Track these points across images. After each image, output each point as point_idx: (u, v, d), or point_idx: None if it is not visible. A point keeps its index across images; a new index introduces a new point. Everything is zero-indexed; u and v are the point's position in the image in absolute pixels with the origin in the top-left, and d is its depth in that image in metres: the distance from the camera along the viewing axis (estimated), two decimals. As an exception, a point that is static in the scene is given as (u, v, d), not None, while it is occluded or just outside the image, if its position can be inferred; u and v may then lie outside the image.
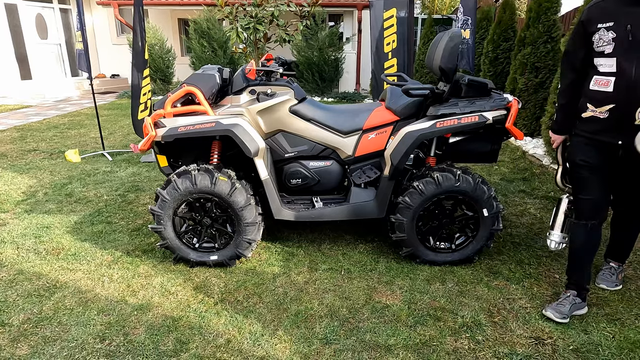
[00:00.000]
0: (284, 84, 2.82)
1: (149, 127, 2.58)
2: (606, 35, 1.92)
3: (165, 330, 2.14)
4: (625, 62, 1.89)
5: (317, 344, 2.06)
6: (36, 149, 5.72)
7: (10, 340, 2.06)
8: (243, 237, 2.65)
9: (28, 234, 3.17)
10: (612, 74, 1.94)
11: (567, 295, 2.26)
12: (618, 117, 1.95)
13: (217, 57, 10.30)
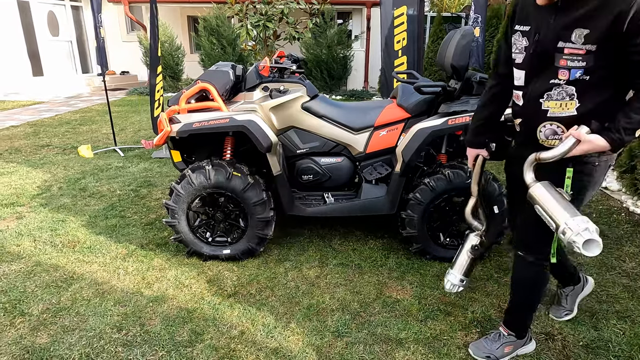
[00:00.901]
0: (297, 81, 2.85)
1: (164, 123, 2.62)
2: (520, 42, 1.63)
3: (180, 322, 2.19)
4: (529, 77, 1.63)
5: (329, 336, 2.09)
6: (49, 144, 5.81)
7: (31, 330, 2.12)
8: (255, 231, 2.69)
9: (44, 227, 3.24)
10: (520, 88, 1.68)
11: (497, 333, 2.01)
12: (526, 131, 1.70)
13: (226, 54, 10.36)
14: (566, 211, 1.47)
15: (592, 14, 1.41)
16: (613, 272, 2.64)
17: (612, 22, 1.37)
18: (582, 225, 1.41)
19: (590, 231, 1.40)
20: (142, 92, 11.19)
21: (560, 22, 1.48)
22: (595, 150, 1.48)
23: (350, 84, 11.95)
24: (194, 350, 1.99)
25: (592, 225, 1.42)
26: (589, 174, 1.59)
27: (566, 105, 1.52)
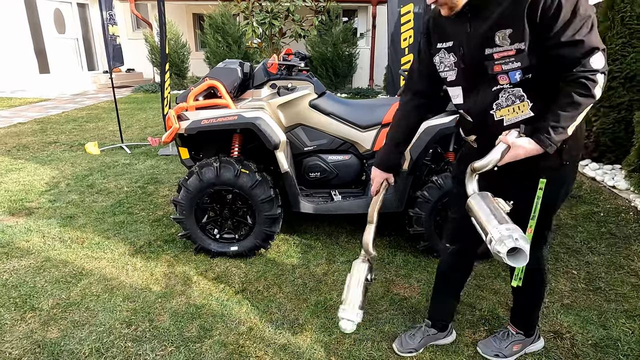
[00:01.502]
0: (304, 79, 2.85)
1: (173, 120, 2.63)
2: (447, 59, 1.54)
3: (189, 317, 2.20)
4: (468, 92, 1.54)
5: (337, 333, 2.10)
6: (56, 141, 5.85)
7: (41, 324, 2.14)
8: (263, 228, 2.70)
9: (53, 223, 3.26)
10: (461, 106, 1.58)
11: (420, 326, 2.02)
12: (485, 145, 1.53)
13: (231, 52, 10.37)
14: (494, 220, 1.36)
15: (508, 12, 1.33)
16: (621, 271, 2.63)
17: (528, 15, 1.30)
18: (506, 233, 1.29)
19: (514, 239, 1.27)
20: (148, 89, 11.23)
21: (479, 30, 1.41)
22: (527, 155, 1.38)
23: (355, 82, 11.94)
24: (203, 345, 2.01)
25: (518, 234, 1.29)
26: (563, 175, 1.52)
27: (519, 109, 1.43)
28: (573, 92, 1.30)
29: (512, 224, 1.33)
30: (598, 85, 1.29)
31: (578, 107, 1.31)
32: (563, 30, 1.28)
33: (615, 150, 4.29)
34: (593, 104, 1.37)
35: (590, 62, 1.27)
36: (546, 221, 1.61)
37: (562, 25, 1.27)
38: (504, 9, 1.34)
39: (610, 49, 4.09)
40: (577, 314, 2.22)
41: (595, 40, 1.28)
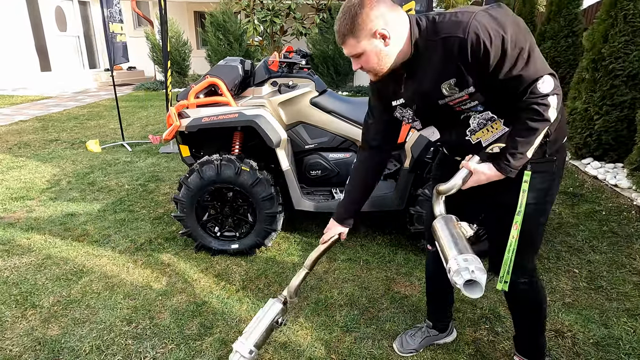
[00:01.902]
0: (305, 76, 2.85)
1: (174, 118, 2.63)
2: (406, 112, 1.53)
3: (190, 315, 2.20)
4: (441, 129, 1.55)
5: (338, 331, 2.10)
6: (58, 139, 5.85)
7: (42, 321, 2.14)
8: (264, 226, 2.69)
9: (54, 221, 3.26)
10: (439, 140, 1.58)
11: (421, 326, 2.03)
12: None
13: (232, 50, 10.36)
14: (454, 249, 1.35)
15: (443, 67, 1.32)
16: (623, 269, 2.62)
17: (463, 64, 1.28)
18: (463, 265, 1.28)
19: (470, 271, 1.26)
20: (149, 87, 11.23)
21: (423, 86, 1.40)
22: (489, 180, 1.40)
23: (357, 80, 11.91)
24: (203, 343, 2.00)
25: (475, 265, 1.28)
26: (549, 168, 1.48)
27: (493, 127, 1.43)
28: (527, 118, 1.30)
29: (471, 255, 1.32)
30: (551, 107, 1.28)
31: (534, 131, 1.31)
32: (499, 69, 1.26)
33: (618, 149, 4.27)
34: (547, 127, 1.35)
35: (537, 89, 1.27)
36: (535, 224, 1.53)
37: (495, 65, 1.26)
38: (438, 64, 1.33)
39: (612, 47, 4.07)
40: (578, 313, 2.22)
41: (535, 70, 1.26)
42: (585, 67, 4.36)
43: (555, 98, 1.28)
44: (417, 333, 1.99)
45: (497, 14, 1.27)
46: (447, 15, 1.31)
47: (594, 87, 4.26)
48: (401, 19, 1.32)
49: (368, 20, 1.28)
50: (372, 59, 1.35)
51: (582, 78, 4.41)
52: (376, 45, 1.32)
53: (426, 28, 1.33)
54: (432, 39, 1.31)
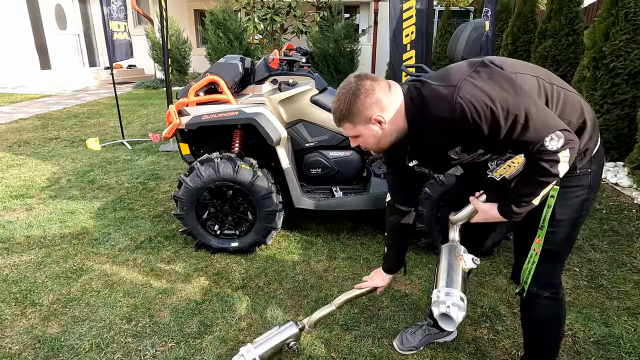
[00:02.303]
0: (306, 74, 2.84)
1: (173, 115, 2.62)
2: (425, 169, 1.56)
3: (189, 313, 2.20)
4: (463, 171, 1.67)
5: (338, 329, 2.09)
6: (58, 137, 5.84)
7: (41, 320, 2.14)
8: (264, 224, 2.69)
9: (54, 219, 3.26)
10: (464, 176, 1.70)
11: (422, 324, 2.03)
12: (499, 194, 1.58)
13: (233, 48, 10.34)
14: (444, 279, 1.44)
15: (444, 140, 1.33)
16: (624, 268, 2.61)
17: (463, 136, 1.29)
18: (442, 298, 1.39)
19: (446, 306, 1.36)
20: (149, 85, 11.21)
21: (430, 155, 1.45)
22: (492, 220, 1.43)
23: (357, 78, 11.88)
24: (203, 341, 2.00)
25: (453, 301, 1.37)
26: (584, 185, 1.41)
27: (513, 163, 1.42)
28: (535, 172, 1.27)
29: (455, 290, 1.39)
30: (560, 163, 1.22)
31: (541, 184, 1.28)
32: (497, 136, 1.25)
33: (619, 147, 4.27)
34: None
35: (545, 147, 1.21)
36: (565, 239, 1.46)
37: (493, 134, 1.24)
38: (438, 138, 1.34)
39: (613, 45, 4.06)
40: (579, 311, 2.21)
41: (538, 132, 1.20)
42: (586, 66, 4.36)
43: (567, 152, 1.21)
44: (418, 331, 1.99)
45: (481, 82, 1.23)
46: (431, 88, 1.28)
47: (595, 86, 4.25)
48: (396, 100, 1.33)
49: (363, 108, 1.30)
50: (370, 141, 1.38)
51: (583, 76, 4.40)
52: (372, 129, 1.34)
53: (416, 104, 1.32)
54: (424, 117, 1.30)
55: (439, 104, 1.25)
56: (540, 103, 1.25)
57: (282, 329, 1.82)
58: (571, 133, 1.22)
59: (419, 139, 1.39)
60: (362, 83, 1.31)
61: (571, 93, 1.37)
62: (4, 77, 10.46)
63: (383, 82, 1.33)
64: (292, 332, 1.81)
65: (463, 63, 1.35)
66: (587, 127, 1.35)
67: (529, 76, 1.34)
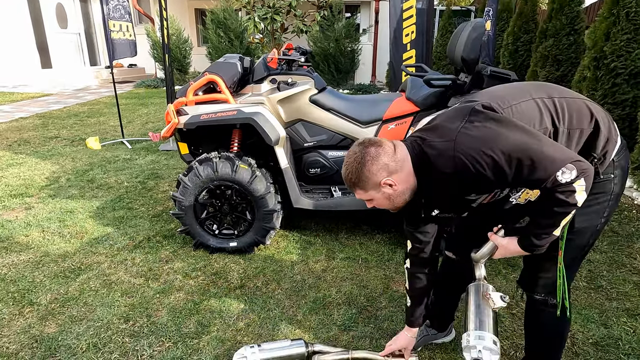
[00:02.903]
0: (305, 74, 2.83)
1: (172, 115, 2.62)
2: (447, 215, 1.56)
3: (187, 313, 2.19)
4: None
5: (336, 330, 2.09)
6: (57, 136, 5.84)
7: (39, 319, 2.13)
8: (262, 224, 2.68)
9: (52, 218, 3.26)
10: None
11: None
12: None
13: (233, 47, 10.34)
14: (474, 321, 1.42)
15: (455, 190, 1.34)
16: (623, 269, 2.60)
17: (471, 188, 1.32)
18: (473, 342, 1.38)
19: (477, 350, 1.36)
20: (150, 84, 11.21)
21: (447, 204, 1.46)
22: (514, 255, 1.41)
23: (357, 77, 11.88)
24: (200, 341, 2.00)
25: (484, 345, 1.36)
26: (607, 192, 1.39)
27: (528, 193, 1.40)
28: (552, 204, 1.24)
29: (486, 332, 1.38)
30: (576, 192, 1.19)
31: (559, 215, 1.25)
32: (506, 181, 1.24)
33: (619, 148, 4.25)
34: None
35: (558, 180, 1.18)
36: (582, 246, 1.46)
37: (502, 179, 1.24)
38: (450, 190, 1.34)
39: (614, 45, 4.04)
40: (578, 313, 2.20)
41: (547, 169, 1.18)
42: (586, 66, 4.34)
43: (583, 181, 1.18)
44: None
45: (476, 132, 1.22)
46: (431, 145, 1.28)
47: (596, 86, 4.23)
48: (403, 160, 1.33)
49: (371, 174, 1.32)
50: (384, 202, 1.40)
51: (584, 76, 4.39)
52: (384, 192, 1.35)
53: (421, 161, 1.32)
54: (431, 174, 1.31)
55: (440, 160, 1.26)
56: (544, 137, 1.22)
57: (292, 345, 1.84)
58: (583, 162, 1.19)
59: (432, 192, 1.40)
60: (367, 151, 1.32)
61: (573, 99, 1.34)
62: (4, 76, 10.47)
63: (387, 145, 1.33)
64: (300, 351, 1.83)
65: (451, 113, 1.34)
66: (601, 129, 1.32)
67: (526, 102, 1.32)
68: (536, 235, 1.31)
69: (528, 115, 1.30)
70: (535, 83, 1.40)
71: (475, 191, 1.36)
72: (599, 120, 1.32)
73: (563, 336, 1.61)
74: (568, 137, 1.32)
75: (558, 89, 1.37)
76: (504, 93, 1.36)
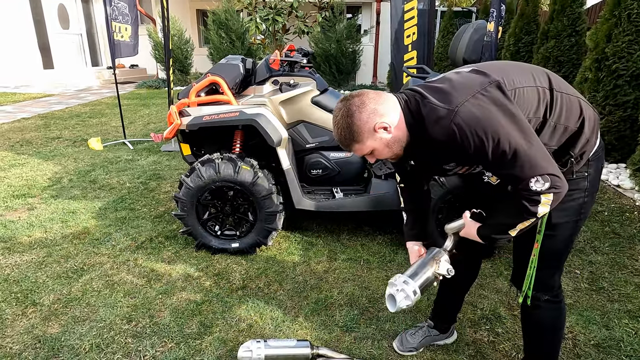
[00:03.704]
0: (307, 75, 2.84)
1: (174, 116, 2.63)
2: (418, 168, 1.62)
3: (189, 314, 2.20)
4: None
5: (337, 331, 2.09)
6: (60, 136, 5.85)
7: (42, 319, 2.14)
8: (264, 225, 2.69)
9: (55, 219, 3.27)
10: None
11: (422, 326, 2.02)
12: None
13: (235, 48, 10.36)
14: (411, 271, 1.54)
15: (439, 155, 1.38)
16: (625, 270, 2.60)
17: (454, 157, 1.36)
18: (397, 282, 1.51)
19: (395, 289, 1.50)
20: (152, 85, 11.23)
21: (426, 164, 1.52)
22: (471, 237, 1.48)
23: (359, 78, 11.89)
24: (203, 342, 2.00)
25: (404, 288, 1.48)
26: (581, 189, 1.42)
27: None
28: (515, 207, 1.29)
29: (412, 282, 1.50)
30: (541, 204, 1.23)
31: (520, 218, 1.29)
32: (484, 164, 1.31)
33: (621, 149, 4.25)
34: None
35: (529, 186, 1.22)
36: (564, 242, 1.48)
37: (480, 161, 1.30)
38: (434, 152, 1.36)
39: (616, 46, 4.05)
40: (579, 314, 2.21)
41: (522, 173, 1.21)
42: (588, 67, 4.34)
43: (551, 196, 1.22)
44: (418, 332, 1.98)
45: (480, 110, 1.22)
46: (431, 107, 1.27)
47: (597, 87, 4.24)
48: (391, 105, 1.34)
49: (362, 123, 1.30)
50: (384, 151, 1.38)
51: (585, 78, 4.39)
52: (382, 137, 1.33)
53: (415, 120, 1.33)
54: (422, 135, 1.32)
55: (435, 127, 1.26)
56: (536, 141, 1.23)
57: (297, 345, 1.86)
58: (560, 179, 1.21)
59: (417, 149, 1.40)
60: (351, 102, 1.31)
61: (569, 95, 1.35)
62: (7, 77, 10.49)
63: (371, 93, 1.33)
64: (305, 352, 1.84)
65: (462, 80, 1.31)
66: (585, 130, 1.34)
67: (530, 88, 1.32)
68: (493, 228, 1.39)
69: (528, 102, 1.32)
70: (540, 68, 1.40)
71: (456, 161, 1.39)
72: (585, 122, 1.34)
73: (559, 331, 1.62)
74: (553, 130, 1.34)
75: (559, 82, 1.38)
76: (511, 72, 1.35)
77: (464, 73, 1.35)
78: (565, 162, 1.36)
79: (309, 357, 1.85)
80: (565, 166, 1.36)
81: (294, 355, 1.84)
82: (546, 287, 1.53)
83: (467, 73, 1.34)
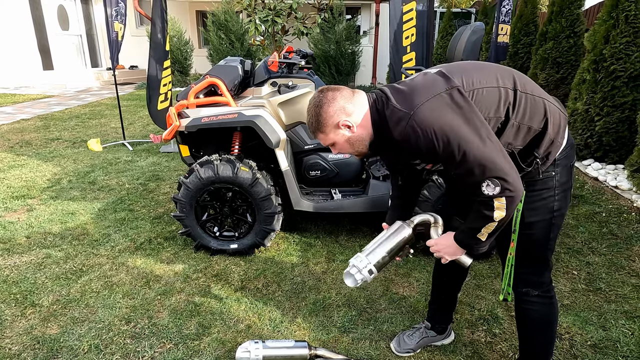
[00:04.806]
0: (305, 77, 2.85)
1: (173, 117, 2.64)
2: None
3: (188, 315, 2.21)
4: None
5: (335, 331, 2.10)
6: (59, 137, 5.86)
7: (41, 320, 2.15)
8: (263, 226, 2.70)
9: (54, 220, 3.27)
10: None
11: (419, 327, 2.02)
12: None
13: (234, 49, 10.37)
14: (371, 245, 1.63)
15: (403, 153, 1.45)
16: (622, 271, 2.61)
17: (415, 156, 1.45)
18: (359, 258, 1.59)
19: (351, 265, 1.59)
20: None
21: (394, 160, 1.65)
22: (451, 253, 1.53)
23: (358, 79, 11.91)
24: (201, 343, 2.01)
25: (363, 264, 1.56)
26: (550, 187, 1.43)
27: None
28: (475, 212, 1.35)
29: (371, 256, 1.58)
30: (495, 210, 1.28)
31: (481, 221, 1.34)
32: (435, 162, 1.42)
33: (619, 150, 4.27)
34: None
35: (481, 190, 1.27)
36: (543, 239, 1.49)
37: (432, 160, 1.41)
38: (399, 151, 1.43)
39: (614, 48, 4.06)
40: (576, 315, 2.22)
41: (472, 177, 1.26)
42: (586, 68, 4.36)
43: (504, 200, 1.26)
44: (415, 333, 1.99)
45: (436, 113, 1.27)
46: (392, 110, 1.34)
47: (595, 88, 4.25)
48: (361, 105, 1.40)
49: (328, 116, 1.39)
50: (345, 146, 1.47)
51: (583, 79, 4.40)
52: (344, 134, 1.42)
53: (380, 120, 1.38)
54: (385, 135, 1.39)
55: (396, 127, 1.33)
56: (490, 144, 1.25)
57: (295, 346, 1.87)
58: (511, 182, 1.24)
59: (384, 146, 1.47)
60: (324, 94, 1.40)
61: (533, 96, 1.38)
62: (6, 78, 10.50)
63: (346, 91, 1.41)
64: (302, 353, 1.85)
65: (425, 82, 1.36)
66: (549, 131, 1.37)
67: (491, 89, 1.36)
68: (464, 234, 1.44)
69: (487, 102, 1.35)
70: (507, 69, 1.43)
71: (420, 159, 1.46)
72: (549, 122, 1.37)
73: (551, 326, 1.63)
74: (517, 130, 1.37)
75: (525, 83, 1.40)
76: (474, 72, 1.39)
77: (430, 75, 1.40)
78: (531, 163, 1.40)
79: (306, 358, 1.86)
80: (530, 166, 1.40)
81: (292, 355, 1.85)
82: (535, 284, 1.56)
83: (433, 75, 1.39)
